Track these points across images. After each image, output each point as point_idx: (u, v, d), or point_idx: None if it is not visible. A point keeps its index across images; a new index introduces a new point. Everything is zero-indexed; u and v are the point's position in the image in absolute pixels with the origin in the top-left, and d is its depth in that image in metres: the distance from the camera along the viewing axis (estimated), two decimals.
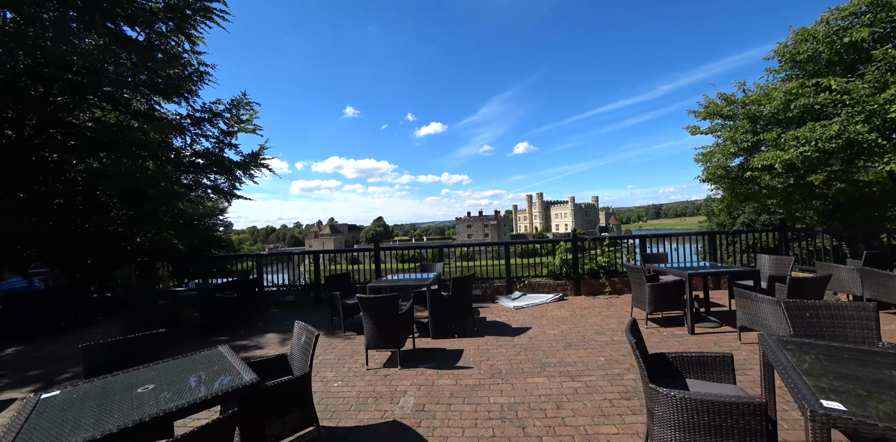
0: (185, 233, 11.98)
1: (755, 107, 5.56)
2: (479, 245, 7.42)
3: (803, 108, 4.90)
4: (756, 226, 37.52)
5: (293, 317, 6.38)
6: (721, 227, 41.63)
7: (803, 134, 4.70)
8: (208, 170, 10.83)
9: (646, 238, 6.98)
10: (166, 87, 8.97)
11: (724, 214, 41.67)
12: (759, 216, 37.09)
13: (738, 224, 39.50)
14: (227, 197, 12.28)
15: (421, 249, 7.63)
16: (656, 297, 4.71)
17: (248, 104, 11.49)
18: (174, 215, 11.40)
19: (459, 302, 5.03)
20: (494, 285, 7.07)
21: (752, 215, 37.71)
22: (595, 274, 6.92)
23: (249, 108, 11.55)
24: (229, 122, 11.38)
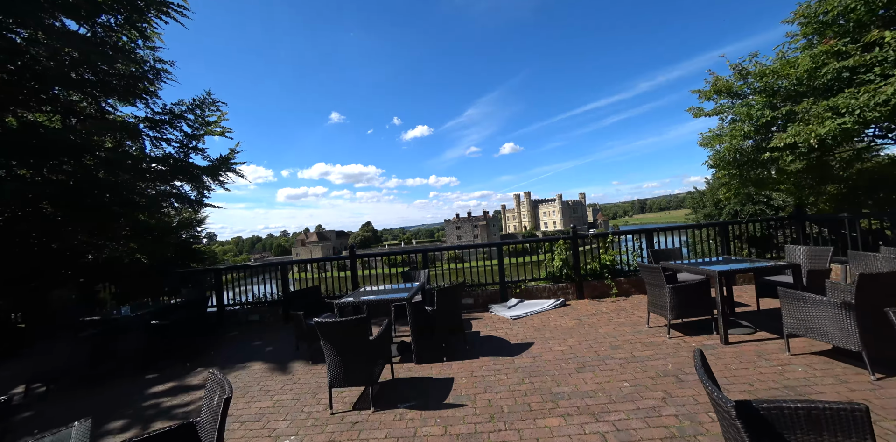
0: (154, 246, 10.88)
1: (773, 78, 4.93)
2: (469, 247, 6.64)
3: (835, 74, 4.28)
4: (741, 216, 38.09)
5: (254, 341, 5.46)
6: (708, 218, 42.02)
7: (844, 102, 4.05)
8: (171, 177, 9.82)
9: (653, 232, 6.29)
10: (120, 86, 7.98)
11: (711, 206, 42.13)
12: (744, 206, 37.61)
13: (724, 215, 39.85)
14: (195, 206, 11.28)
15: (402, 254, 6.79)
16: (680, 300, 3.98)
17: (213, 104, 10.56)
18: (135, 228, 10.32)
19: (447, 317, 4.21)
20: (487, 292, 6.26)
21: (738, 206, 38.22)
22: (599, 274, 6.19)
23: (216, 109, 10.63)
24: (194, 125, 10.48)
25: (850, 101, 3.95)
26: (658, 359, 3.52)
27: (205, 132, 10.73)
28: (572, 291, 6.17)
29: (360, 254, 6.47)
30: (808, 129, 4.29)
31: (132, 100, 8.44)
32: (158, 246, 11.06)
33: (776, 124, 5.37)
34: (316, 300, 5.10)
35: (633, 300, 5.83)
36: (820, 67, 4.41)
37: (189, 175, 10.16)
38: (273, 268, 6.82)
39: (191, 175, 10.21)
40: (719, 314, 3.70)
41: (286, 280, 6.51)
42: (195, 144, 10.60)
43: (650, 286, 4.32)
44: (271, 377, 4.03)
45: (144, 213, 10.45)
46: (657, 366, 3.37)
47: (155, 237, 11.50)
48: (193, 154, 10.68)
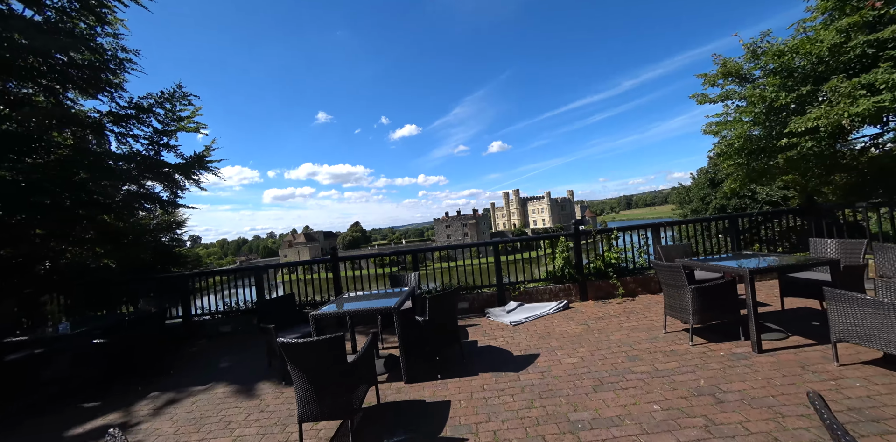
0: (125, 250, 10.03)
1: (790, 57, 4.53)
2: (462, 247, 6.10)
3: (862, 48, 3.89)
4: (728, 210, 38.31)
5: (223, 356, 4.82)
6: (695, 213, 42.32)
7: (883, 77, 3.65)
8: (139, 175, 9.05)
9: (660, 227, 5.86)
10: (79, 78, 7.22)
11: (698, 201, 42.50)
12: (730, 201, 37.93)
13: (711, 210, 40.27)
14: (167, 206, 10.48)
15: (389, 256, 6.20)
16: (704, 303, 3.53)
17: (184, 97, 9.76)
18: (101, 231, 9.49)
19: (441, 328, 3.66)
20: (483, 295, 5.74)
21: (723, 200, 38.55)
22: (603, 274, 5.73)
23: (188, 103, 9.82)
24: (164, 120, 9.68)
25: (892, 76, 3.55)
26: (686, 372, 3.05)
27: (177, 128, 10.01)
28: (575, 292, 5.70)
29: (343, 256, 5.87)
30: (837, 110, 3.89)
31: (94, 93, 7.70)
32: (130, 250, 10.23)
33: (789, 109, 4.98)
34: (291, 310, 4.49)
35: (641, 301, 5.38)
36: (846, 42, 4.01)
37: (159, 173, 9.43)
38: (250, 273, 6.16)
39: (161, 173, 9.48)
40: (750, 318, 3.25)
41: (261, 286, 5.86)
42: (166, 141, 9.89)
43: (667, 287, 3.86)
44: (235, 403, 3.42)
45: (110, 215, 9.62)
46: (687, 382, 2.89)
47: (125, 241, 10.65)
48: (165, 151, 9.95)
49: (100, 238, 9.31)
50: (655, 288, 5.75)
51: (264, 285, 5.87)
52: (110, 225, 9.52)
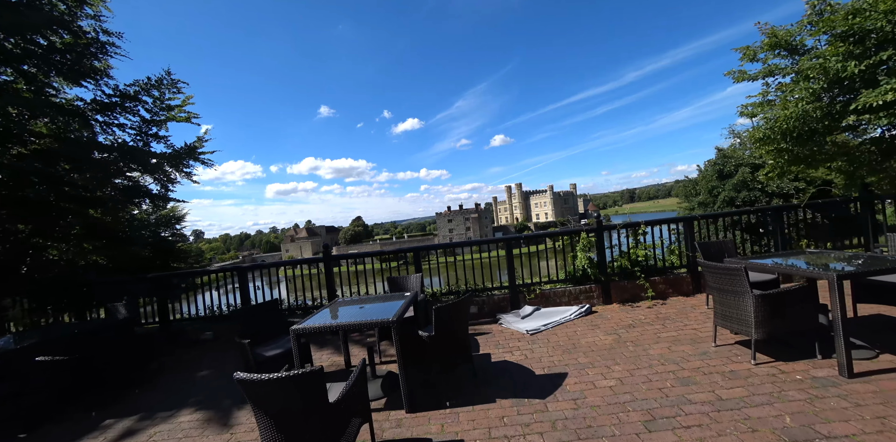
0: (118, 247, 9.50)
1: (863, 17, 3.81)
2: (471, 244, 5.44)
3: None
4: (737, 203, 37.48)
5: (199, 371, 4.22)
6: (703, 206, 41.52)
7: None
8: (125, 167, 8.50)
9: (693, 220, 5.17)
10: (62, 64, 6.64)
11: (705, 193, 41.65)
12: (739, 193, 37.08)
13: (719, 203, 39.44)
14: (156, 200, 9.90)
15: (388, 254, 5.54)
16: (770, 314, 2.88)
17: (173, 85, 9.10)
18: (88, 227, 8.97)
19: (449, 343, 3.03)
20: (494, 298, 5.11)
21: (732, 193, 37.69)
22: (629, 274, 5.08)
23: (176, 91, 9.18)
24: (152, 109, 9.06)
25: None
26: (761, 404, 2.41)
27: (167, 118, 9.39)
28: (597, 294, 5.06)
29: (337, 255, 5.24)
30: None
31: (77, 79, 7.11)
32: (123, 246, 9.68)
33: (857, 81, 4.26)
34: (276, 317, 3.87)
35: (674, 305, 4.74)
36: None
37: (146, 164, 8.85)
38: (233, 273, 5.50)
39: (150, 165, 8.91)
40: (839, 334, 2.60)
41: (245, 289, 5.24)
42: (155, 131, 9.30)
43: (720, 293, 3.21)
44: (202, 437, 2.82)
45: (96, 209, 9.03)
46: (767, 419, 2.26)
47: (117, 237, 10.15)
48: (154, 142, 9.38)
49: (87, 234, 8.77)
50: (687, 289, 5.10)
51: (249, 288, 5.25)
52: (98, 220, 8.96)
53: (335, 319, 3.02)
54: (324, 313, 3.33)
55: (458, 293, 5.20)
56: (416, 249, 5.13)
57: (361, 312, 3.22)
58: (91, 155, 7.77)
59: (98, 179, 8.29)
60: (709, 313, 4.26)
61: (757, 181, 37.02)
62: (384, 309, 3.22)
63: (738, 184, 39.49)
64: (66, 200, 7.20)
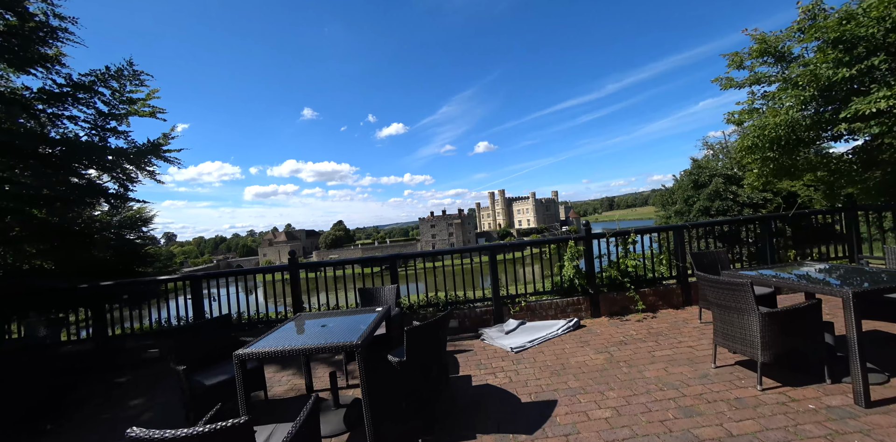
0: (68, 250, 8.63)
1: (856, 23, 3.74)
2: (452, 252, 5.05)
3: None
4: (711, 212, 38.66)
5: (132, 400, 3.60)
6: (679, 215, 42.69)
7: None
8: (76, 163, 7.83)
9: (683, 229, 4.97)
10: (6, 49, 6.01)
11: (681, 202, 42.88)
12: (713, 202, 38.34)
13: (694, 212, 40.66)
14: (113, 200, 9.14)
15: (359, 263, 5.04)
16: (777, 334, 2.62)
17: (135, 76, 8.45)
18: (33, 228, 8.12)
19: (424, 371, 2.63)
20: (476, 311, 4.73)
21: (707, 202, 38.94)
22: (618, 285, 4.82)
23: (139, 83, 8.51)
24: (111, 102, 8.36)
25: None
26: (778, 440, 2.12)
27: (127, 112, 8.71)
28: (585, 306, 4.77)
29: (305, 263, 4.75)
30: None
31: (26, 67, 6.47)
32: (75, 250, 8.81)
33: (846, 88, 4.18)
34: (226, 338, 3.36)
35: (664, 318, 4.49)
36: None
37: (101, 161, 8.17)
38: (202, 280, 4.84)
39: (104, 161, 8.21)
40: (854, 358, 2.35)
41: (198, 300, 4.67)
42: (114, 126, 8.59)
43: (720, 309, 2.94)
44: None
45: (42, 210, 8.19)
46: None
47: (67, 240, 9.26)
48: (113, 138, 8.68)
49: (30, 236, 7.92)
50: (678, 301, 4.88)
51: (203, 300, 4.68)
52: (45, 221, 8.12)
53: (290, 342, 2.56)
54: (280, 333, 2.86)
55: (437, 305, 4.80)
56: (392, 257, 4.70)
57: (324, 332, 2.77)
58: (37, 149, 7.05)
59: (45, 176, 7.55)
60: (703, 329, 4.03)
61: (729, 191, 38.32)
62: (350, 327, 2.79)
63: (711, 193, 40.78)
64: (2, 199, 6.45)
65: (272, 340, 2.66)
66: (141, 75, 8.70)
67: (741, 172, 40.92)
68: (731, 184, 38.75)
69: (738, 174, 40.63)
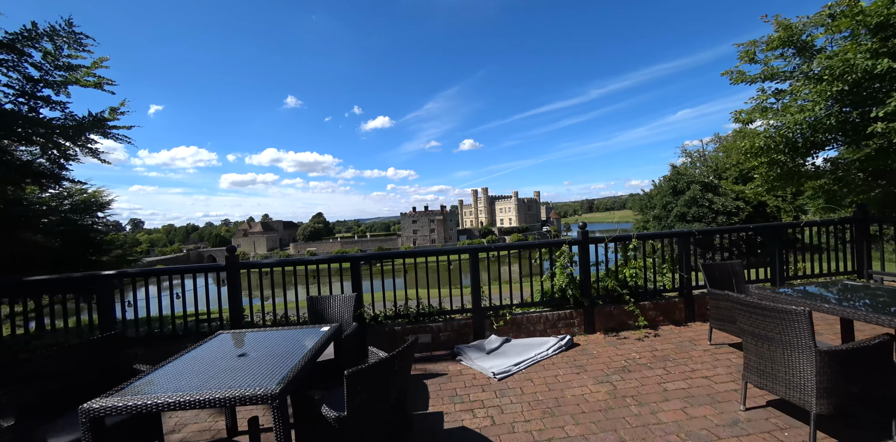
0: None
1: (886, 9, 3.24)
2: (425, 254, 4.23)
3: None
4: (688, 218, 39.41)
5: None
6: (657, 219, 43.40)
7: None
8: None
9: (690, 236, 4.40)
10: None
11: (660, 208, 43.62)
12: (690, 209, 39.14)
13: (672, 217, 41.45)
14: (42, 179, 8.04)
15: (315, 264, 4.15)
16: (840, 378, 2.03)
17: (74, 38, 7.28)
18: None
19: (375, 428, 1.88)
20: (454, 324, 4.02)
21: (684, 208, 39.71)
22: (616, 297, 4.21)
23: (79, 47, 7.35)
24: (43, 66, 7.17)
25: None
26: None
27: (66, 80, 7.53)
28: (579, 321, 4.14)
29: (246, 262, 3.89)
30: None
31: None
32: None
33: (883, 82, 3.69)
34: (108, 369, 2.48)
35: (668, 337, 3.92)
36: None
37: (28, 134, 7.09)
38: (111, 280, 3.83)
39: (32, 134, 7.12)
40: None
41: (108, 306, 3.73)
42: (47, 95, 7.43)
43: (755, 338, 2.34)
44: None
45: None
46: None
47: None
48: (47, 108, 7.51)
49: None
50: (680, 317, 4.33)
51: (116, 303, 3.75)
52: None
53: (179, 384, 1.76)
54: (181, 363, 2.06)
55: (407, 316, 4.06)
56: (355, 258, 3.90)
57: (238, 366, 1.98)
58: None
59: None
60: (715, 353, 3.46)
61: (706, 199, 39.01)
62: (277, 359, 2.01)
63: (689, 200, 41.56)
64: None
65: (163, 376, 1.86)
66: (82, 38, 7.53)
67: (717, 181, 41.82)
68: (707, 191, 39.65)
69: (715, 182, 41.57)
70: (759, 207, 42.99)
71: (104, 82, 7.86)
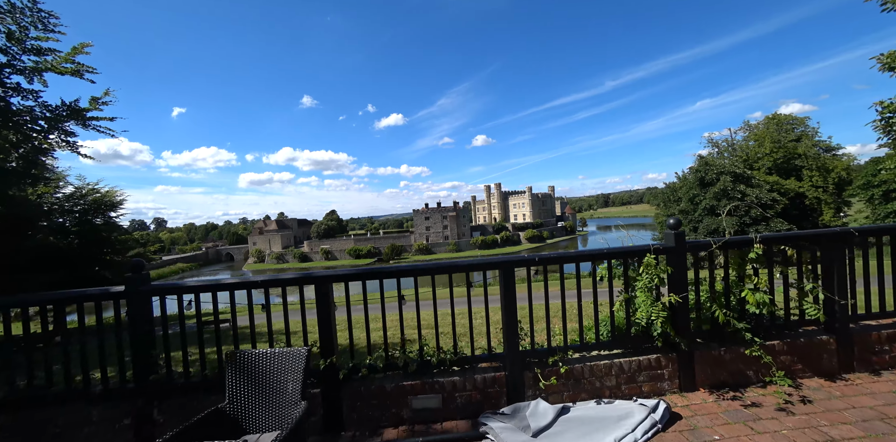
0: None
1: None
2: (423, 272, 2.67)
3: None
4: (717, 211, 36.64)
5: None
6: (683, 214, 40.74)
7: None
8: None
9: (848, 237, 2.82)
10: None
11: (686, 202, 40.90)
12: (720, 201, 36.43)
13: (700, 210, 38.80)
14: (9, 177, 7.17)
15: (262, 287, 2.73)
16: None
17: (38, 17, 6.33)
18: None
19: None
20: (477, 378, 2.58)
21: (713, 201, 37.01)
22: (729, 334, 2.69)
23: (44, 27, 6.40)
24: (9, 50, 6.28)
25: None
26: None
27: (37, 67, 6.60)
28: (670, 371, 2.65)
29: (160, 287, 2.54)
30: None
31: None
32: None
33: None
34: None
35: (830, 404, 2.39)
36: None
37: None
38: None
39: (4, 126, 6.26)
40: None
41: None
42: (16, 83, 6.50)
43: None
44: None
45: None
46: None
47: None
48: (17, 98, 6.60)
49: None
50: (831, 365, 2.76)
51: None
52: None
53: None
54: None
55: (405, 367, 2.63)
56: (320, 278, 2.48)
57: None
58: None
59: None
60: None
61: (737, 190, 36.23)
62: None
63: (718, 192, 38.77)
64: None
65: None
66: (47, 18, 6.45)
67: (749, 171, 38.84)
68: (739, 182, 36.82)
69: (748, 173, 38.65)
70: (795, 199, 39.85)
71: (85, 70, 6.81)
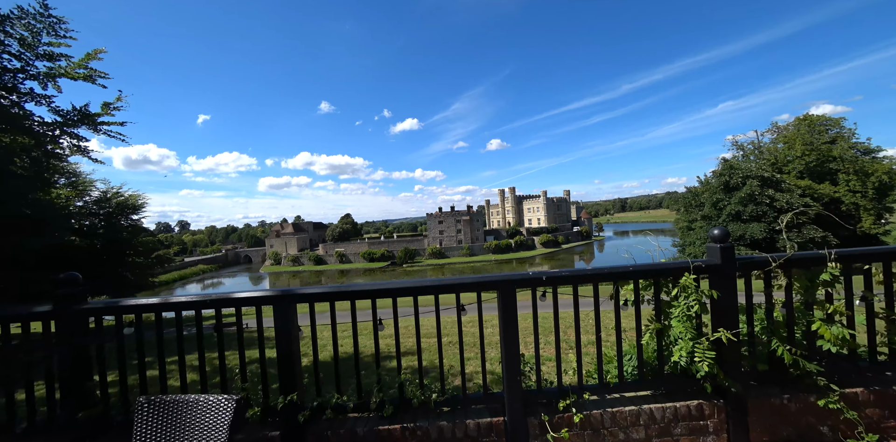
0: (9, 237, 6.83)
1: None
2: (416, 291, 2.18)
3: None
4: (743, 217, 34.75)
5: None
6: (707, 220, 38.81)
7: None
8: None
9: None
10: None
11: (709, 206, 39.01)
12: (746, 207, 34.52)
13: (724, 216, 36.91)
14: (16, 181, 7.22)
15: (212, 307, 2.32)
16: None
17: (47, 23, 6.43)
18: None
19: None
20: (469, 423, 2.09)
21: (739, 206, 35.10)
22: (793, 378, 2.11)
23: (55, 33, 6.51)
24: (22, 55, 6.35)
25: None
26: None
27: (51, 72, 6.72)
28: (716, 423, 2.08)
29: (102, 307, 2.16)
30: None
31: None
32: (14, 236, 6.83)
33: None
34: None
35: None
36: None
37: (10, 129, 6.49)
38: None
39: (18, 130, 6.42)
40: None
41: None
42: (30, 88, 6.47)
43: None
44: None
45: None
46: None
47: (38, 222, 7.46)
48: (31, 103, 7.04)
49: None
50: None
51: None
52: None
53: None
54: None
55: (381, 409, 2.16)
56: (276, 297, 2.02)
57: None
58: None
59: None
60: None
61: (765, 195, 34.24)
62: None
63: (745, 197, 36.77)
64: None
65: None
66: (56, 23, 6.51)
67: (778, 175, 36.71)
68: (767, 187, 34.84)
69: (776, 177, 36.55)
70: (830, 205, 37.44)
71: (97, 75, 6.88)
